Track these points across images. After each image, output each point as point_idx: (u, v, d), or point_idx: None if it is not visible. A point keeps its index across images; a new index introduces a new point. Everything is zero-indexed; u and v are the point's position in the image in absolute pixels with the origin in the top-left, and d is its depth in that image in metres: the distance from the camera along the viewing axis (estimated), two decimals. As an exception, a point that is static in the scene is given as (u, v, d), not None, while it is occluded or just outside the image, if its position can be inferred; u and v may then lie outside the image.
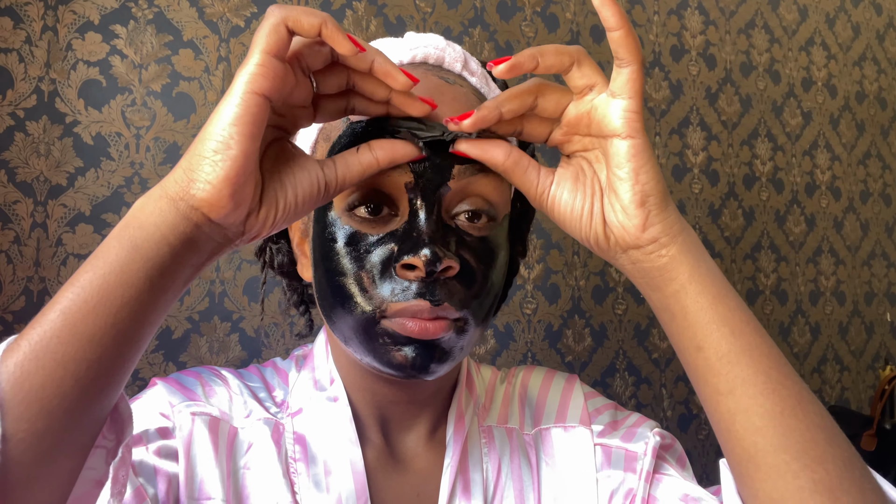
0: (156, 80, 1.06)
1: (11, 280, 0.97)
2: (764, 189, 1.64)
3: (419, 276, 0.48)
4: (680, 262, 0.45)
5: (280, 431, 0.59)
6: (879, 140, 1.87)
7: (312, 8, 0.42)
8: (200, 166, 0.41)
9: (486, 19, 1.32)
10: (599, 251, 0.48)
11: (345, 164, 0.46)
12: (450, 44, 0.59)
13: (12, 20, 0.98)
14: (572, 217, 0.48)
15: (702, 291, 0.45)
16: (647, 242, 0.45)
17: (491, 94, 0.59)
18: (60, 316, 0.38)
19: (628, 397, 1.41)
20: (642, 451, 0.61)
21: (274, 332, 1.11)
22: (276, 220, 0.44)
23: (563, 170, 0.49)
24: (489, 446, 0.63)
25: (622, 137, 0.44)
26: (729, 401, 0.44)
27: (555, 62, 0.45)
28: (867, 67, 1.86)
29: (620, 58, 0.44)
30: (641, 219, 0.45)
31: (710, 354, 0.45)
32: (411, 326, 0.49)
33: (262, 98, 0.40)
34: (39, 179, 0.99)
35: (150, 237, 0.41)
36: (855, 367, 1.77)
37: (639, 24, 1.48)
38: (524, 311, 1.32)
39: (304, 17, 0.41)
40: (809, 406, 0.43)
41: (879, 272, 1.84)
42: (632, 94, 0.44)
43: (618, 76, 0.44)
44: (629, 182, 0.45)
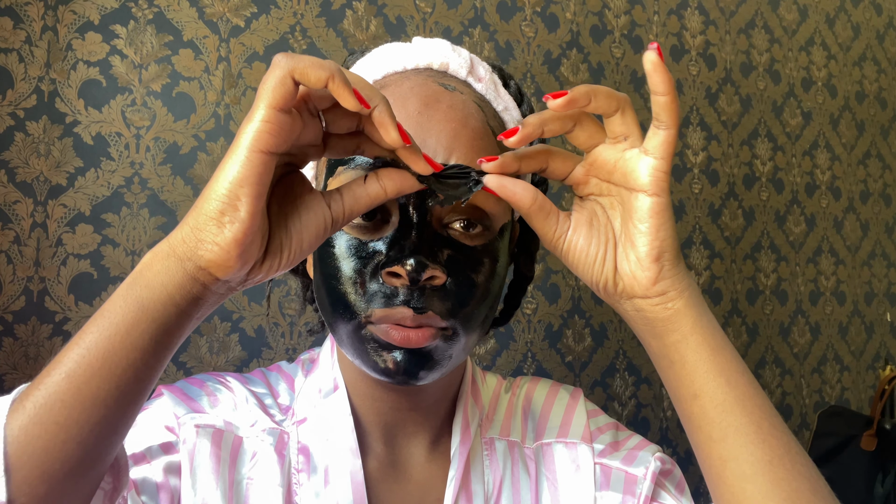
0: (156, 80, 1.06)
1: (11, 280, 0.97)
2: (764, 189, 1.64)
3: (403, 284, 0.49)
4: (684, 315, 0.47)
5: (284, 441, 0.59)
6: (879, 140, 1.87)
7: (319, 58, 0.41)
8: (208, 227, 0.40)
9: (486, 19, 1.32)
10: (605, 295, 0.49)
11: (352, 197, 0.46)
12: (456, 49, 0.59)
13: (12, 20, 0.98)
14: (585, 262, 0.49)
15: (702, 343, 0.47)
16: (656, 294, 0.47)
17: (499, 101, 0.59)
18: (65, 379, 0.38)
19: (628, 397, 1.41)
20: (642, 475, 0.61)
21: (274, 332, 1.11)
22: (279, 267, 0.44)
23: (578, 215, 0.50)
24: (490, 458, 0.63)
25: (648, 194, 0.46)
26: (721, 447, 0.46)
27: (604, 105, 0.46)
28: (867, 67, 1.86)
29: (661, 120, 0.45)
30: (654, 272, 0.46)
31: (706, 402, 0.46)
32: (394, 334, 0.50)
33: (268, 156, 0.40)
34: (39, 179, 0.99)
35: (158, 298, 0.40)
36: (855, 367, 1.77)
37: (639, 24, 1.48)
38: (524, 311, 1.32)
39: (312, 69, 0.40)
40: (797, 457, 0.45)
41: (879, 272, 1.84)
42: (664, 156, 0.45)
43: (654, 136, 0.45)
44: (648, 237, 0.46)
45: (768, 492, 0.44)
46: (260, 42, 1.13)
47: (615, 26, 1.45)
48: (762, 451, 0.45)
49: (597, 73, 1.42)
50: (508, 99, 0.60)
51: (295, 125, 0.41)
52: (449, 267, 0.51)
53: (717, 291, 1.55)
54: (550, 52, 1.37)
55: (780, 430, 0.46)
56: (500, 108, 0.59)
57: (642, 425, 1.41)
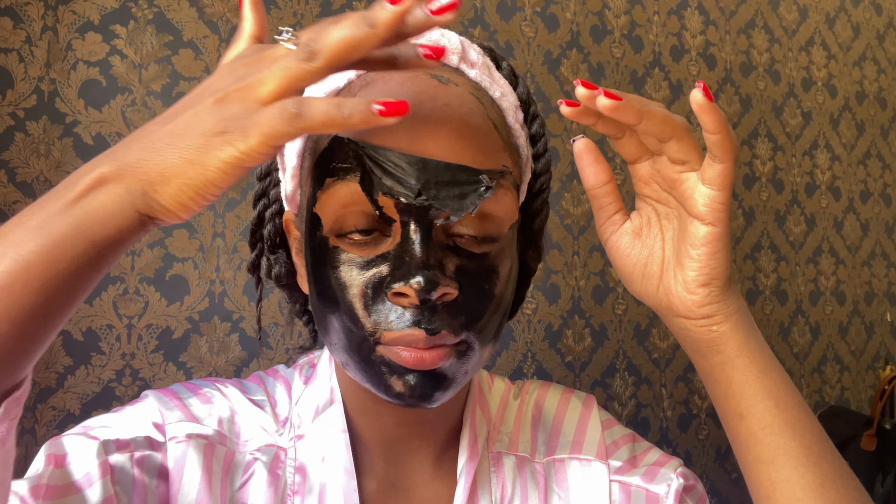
0: (156, 80, 1.06)
1: (11, 280, 0.97)
2: (764, 189, 1.64)
3: (412, 304, 0.45)
4: (729, 337, 0.46)
5: (280, 460, 0.56)
6: (879, 140, 1.87)
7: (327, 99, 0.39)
8: (175, 183, 0.37)
9: (486, 19, 1.32)
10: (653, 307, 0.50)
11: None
12: (445, 34, 0.53)
13: (12, 20, 0.98)
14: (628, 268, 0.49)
15: (749, 365, 0.46)
16: (700, 317, 0.47)
17: (493, 86, 0.54)
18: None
19: (628, 397, 1.41)
20: (664, 492, 0.59)
21: (274, 333, 1.11)
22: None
23: (633, 219, 0.50)
24: (498, 475, 0.59)
25: (703, 221, 0.45)
26: (770, 470, 0.45)
27: (657, 130, 0.44)
28: (867, 67, 1.86)
29: (715, 155, 0.45)
30: (701, 297, 0.46)
31: (753, 424, 0.46)
32: (406, 356, 0.46)
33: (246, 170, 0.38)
34: (39, 179, 0.99)
35: (111, 238, 0.37)
36: (855, 367, 1.77)
37: (639, 24, 1.48)
38: (524, 311, 1.31)
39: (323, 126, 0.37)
40: (849, 482, 0.45)
41: (879, 272, 1.84)
42: (721, 187, 0.45)
43: (710, 168, 0.45)
44: (698, 263, 0.46)
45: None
46: (260, 42, 1.13)
47: (615, 26, 1.45)
48: (813, 474, 0.44)
49: (597, 73, 1.42)
50: (503, 83, 0.55)
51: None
52: (459, 279, 0.47)
53: (717, 291, 1.55)
54: (550, 52, 1.37)
55: (831, 454, 0.46)
56: (497, 95, 0.54)
57: (642, 425, 1.41)
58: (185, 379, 1.05)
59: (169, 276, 1.06)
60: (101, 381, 1.01)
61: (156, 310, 1.04)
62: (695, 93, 0.43)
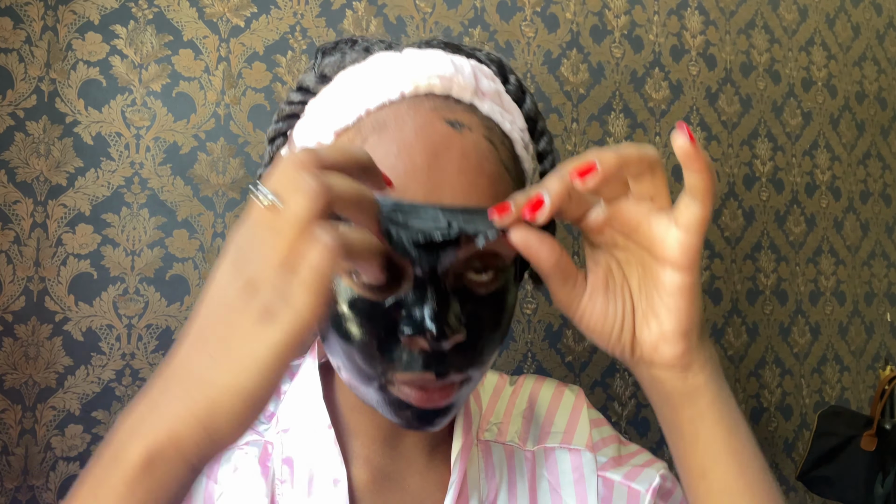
0: (156, 80, 1.06)
1: (11, 280, 0.97)
2: (764, 189, 1.64)
3: (424, 350, 0.46)
4: (704, 390, 0.45)
5: (268, 453, 0.57)
6: (879, 140, 1.87)
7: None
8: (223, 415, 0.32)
9: (486, 19, 1.32)
10: (621, 359, 0.47)
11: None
12: (455, 63, 0.51)
13: (12, 20, 0.98)
14: (602, 331, 0.46)
15: (718, 420, 0.45)
16: (679, 366, 0.45)
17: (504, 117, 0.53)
18: None
19: (628, 397, 1.41)
20: (645, 489, 0.60)
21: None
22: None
23: (594, 276, 0.47)
24: (486, 463, 0.61)
25: (677, 269, 0.43)
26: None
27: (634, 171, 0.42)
28: (867, 67, 1.86)
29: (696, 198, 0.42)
30: (682, 348, 0.44)
31: (714, 484, 0.45)
32: (416, 397, 0.47)
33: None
34: (39, 179, 0.99)
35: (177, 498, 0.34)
36: (855, 367, 1.77)
37: (639, 24, 1.48)
38: (524, 311, 1.32)
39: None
40: None
41: (879, 272, 1.84)
42: (698, 232, 0.42)
43: (687, 210, 0.42)
44: (677, 314, 0.43)
45: None
46: (260, 42, 1.13)
47: (615, 26, 1.45)
48: None
49: (597, 73, 1.42)
50: (512, 106, 0.55)
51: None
52: (468, 323, 0.47)
53: (717, 291, 1.55)
54: (550, 52, 1.37)
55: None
56: (507, 128, 0.53)
57: (642, 425, 1.41)
58: (185, 379, 1.05)
59: (169, 276, 1.06)
60: (101, 382, 1.01)
61: (156, 310, 1.04)
62: (677, 138, 0.40)
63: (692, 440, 0.45)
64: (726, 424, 0.45)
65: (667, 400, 0.46)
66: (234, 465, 0.56)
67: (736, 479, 0.44)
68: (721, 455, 0.44)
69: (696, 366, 0.44)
